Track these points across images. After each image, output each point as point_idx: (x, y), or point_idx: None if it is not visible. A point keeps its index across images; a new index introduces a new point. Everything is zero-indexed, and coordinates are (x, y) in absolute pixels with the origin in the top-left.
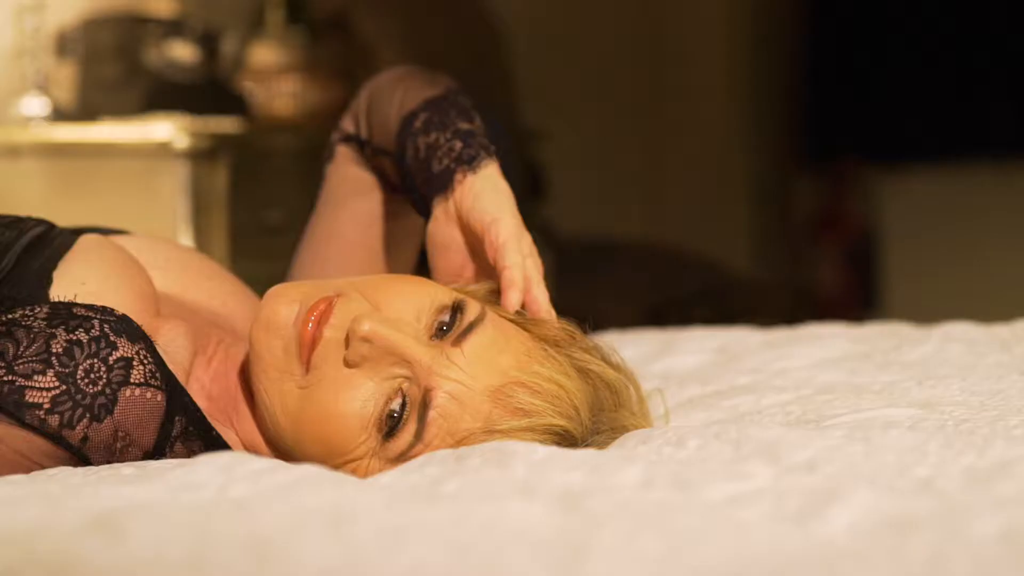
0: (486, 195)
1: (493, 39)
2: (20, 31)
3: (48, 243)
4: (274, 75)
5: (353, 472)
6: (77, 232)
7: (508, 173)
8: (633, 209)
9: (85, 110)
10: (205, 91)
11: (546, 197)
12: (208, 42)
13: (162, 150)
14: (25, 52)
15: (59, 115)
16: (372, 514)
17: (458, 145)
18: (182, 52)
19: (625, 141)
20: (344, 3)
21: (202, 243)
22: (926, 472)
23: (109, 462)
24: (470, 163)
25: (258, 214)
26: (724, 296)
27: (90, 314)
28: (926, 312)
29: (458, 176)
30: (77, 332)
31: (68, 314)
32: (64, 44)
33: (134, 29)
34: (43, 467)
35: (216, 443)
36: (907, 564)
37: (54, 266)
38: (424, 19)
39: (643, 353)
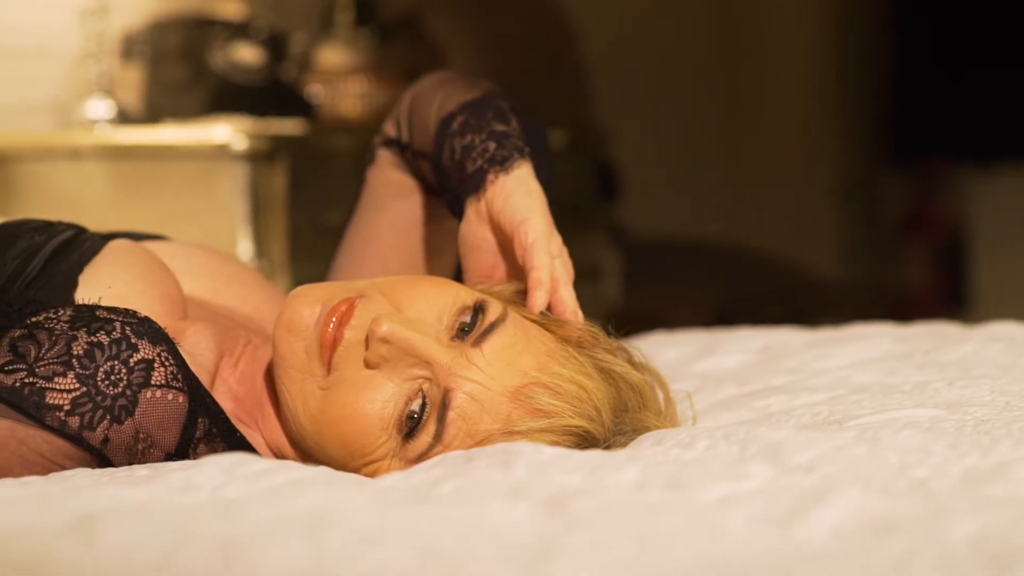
0: (517, 196)
1: (566, 38)
2: (85, 35)
3: (77, 247)
4: (341, 76)
5: (374, 473)
6: (107, 237)
7: (543, 175)
8: (715, 210)
9: (151, 113)
10: (270, 93)
11: (619, 197)
12: (274, 44)
13: (221, 152)
14: (90, 55)
15: (124, 118)
16: (352, 516)
17: (492, 146)
18: (247, 54)
19: (707, 140)
20: (414, 4)
21: (262, 244)
22: (924, 473)
23: (131, 464)
24: (503, 164)
25: (318, 215)
26: (798, 297)
27: (112, 316)
28: (1016, 313)
29: (490, 176)
30: (98, 334)
31: (91, 316)
32: (130, 47)
33: (200, 31)
34: (64, 468)
35: (240, 445)
36: (873, 567)
37: (80, 270)
38: (496, 19)
39: (687, 353)
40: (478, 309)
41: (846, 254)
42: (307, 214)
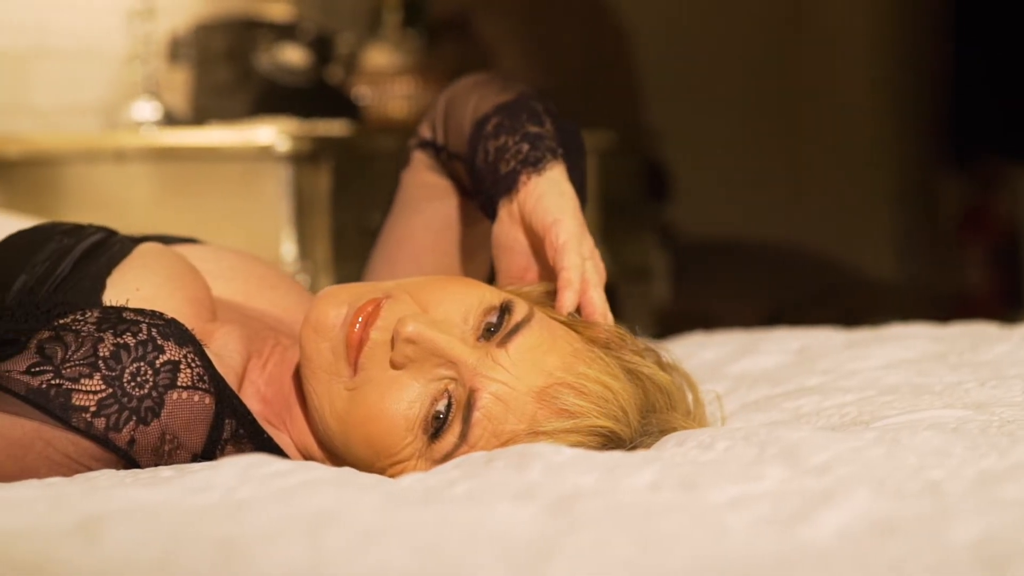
0: (549, 197)
1: (617, 38)
2: (132, 37)
3: (106, 250)
4: (388, 77)
5: (400, 474)
6: (137, 240)
7: (577, 177)
8: (771, 211)
9: (197, 115)
10: (316, 94)
11: (669, 197)
12: (321, 45)
13: (264, 154)
14: (136, 57)
15: (171, 120)
16: (356, 517)
17: (525, 148)
18: (293, 56)
19: (763, 141)
20: (464, 5)
21: (305, 245)
22: (938, 475)
23: (158, 465)
24: (535, 165)
25: (362, 216)
26: (851, 298)
27: (138, 318)
28: None
29: (522, 178)
30: (124, 336)
31: (117, 318)
32: (176, 49)
33: (246, 33)
34: (90, 469)
35: (267, 446)
36: (869, 568)
37: (109, 272)
38: (546, 20)
39: (724, 354)
40: (504, 309)
41: (904, 255)
42: (351, 215)
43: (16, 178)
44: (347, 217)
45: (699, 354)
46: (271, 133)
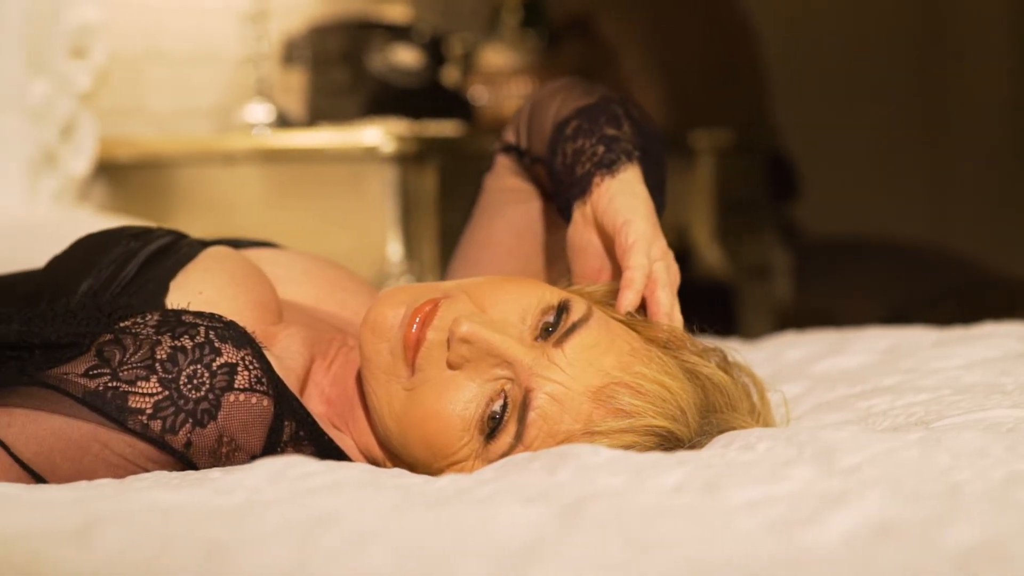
0: (621, 198)
1: (745, 38)
2: (245, 40)
3: (172, 253)
4: (505, 77)
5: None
6: (205, 243)
7: (654, 181)
8: (909, 208)
9: (312, 117)
10: (430, 95)
11: (796, 196)
12: (435, 47)
13: (370, 155)
14: (249, 60)
15: (284, 122)
16: (356, 519)
17: (600, 150)
18: (407, 57)
19: (900, 138)
20: (585, 6)
21: (412, 245)
22: (964, 476)
23: (216, 467)
24: (609, 167)
25: (469, 217)
26: (982, 296)
27: (197, 321)
28: None
29: (596, 179)
30: (182, 339)
31: (176, 321)
32: (291, 51)
33: (361, 35)
34: (147, 471)
35: (328, 447)
36: (854, 571)
37: (173, 276)
38: (671, 20)
39: (811, 353)
40: (562, 308)
41: None
42: (459, 215)
43: (128, 181)
44: (454, 218)
45: (786, 353)
46: (377, 134)
